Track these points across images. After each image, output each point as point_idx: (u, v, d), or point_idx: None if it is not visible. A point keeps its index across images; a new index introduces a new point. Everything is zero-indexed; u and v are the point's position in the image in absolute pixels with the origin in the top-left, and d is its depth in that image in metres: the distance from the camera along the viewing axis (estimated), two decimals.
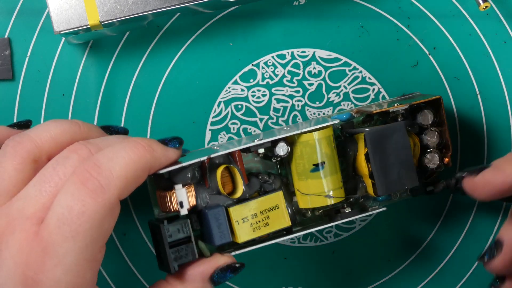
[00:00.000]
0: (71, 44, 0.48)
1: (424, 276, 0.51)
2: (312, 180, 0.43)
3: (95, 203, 0.37)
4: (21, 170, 0.39)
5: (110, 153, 0.38)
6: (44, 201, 0.38)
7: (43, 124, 0.41)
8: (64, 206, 0.36)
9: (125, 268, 0.49)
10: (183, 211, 0.41)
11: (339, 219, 0.44)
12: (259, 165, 0.45)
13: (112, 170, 0.37)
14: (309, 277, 0.50)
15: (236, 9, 0.50)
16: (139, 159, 0.38)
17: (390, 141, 0.44)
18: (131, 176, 0.38)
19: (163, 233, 0.41)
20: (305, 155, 0.43)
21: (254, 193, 0.43)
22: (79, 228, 0.36)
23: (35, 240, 0.37)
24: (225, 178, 0.43)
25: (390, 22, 0.50)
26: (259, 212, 0.43)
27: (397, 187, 0.44)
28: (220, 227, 0.42)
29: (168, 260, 0.41)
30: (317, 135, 0.43)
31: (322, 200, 0.44)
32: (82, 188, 0.37)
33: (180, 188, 0.41)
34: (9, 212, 0.38)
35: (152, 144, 0.40)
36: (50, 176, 0.38)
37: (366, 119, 0.46)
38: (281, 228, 0.43)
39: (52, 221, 0.37)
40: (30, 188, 0.38)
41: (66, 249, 0.36)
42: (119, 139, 0.40)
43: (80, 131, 0.41)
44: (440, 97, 0.46)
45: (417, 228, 0.51)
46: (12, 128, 0.43)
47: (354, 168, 0.45)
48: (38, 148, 0.39)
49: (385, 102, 0.48)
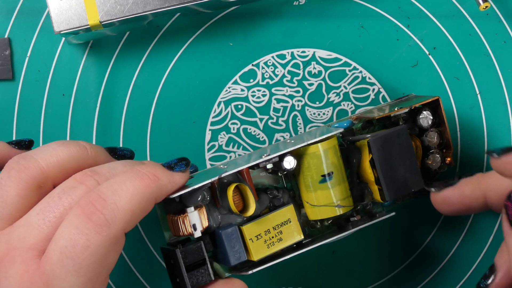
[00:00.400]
0: (71, 44, 0.48)
1: (424, 276, 0.51)
2: (321, 191, 0.43)
3: (99, 237, 0.36)
4: (25, 196, 0.38)
5: (115, 184, 0.37)
6: (47, 232, 0.37)
7: (50, 147, 0.39)
8: (68, 240, 0.36)
9: (125, 268, 0.49)
10: (197, 233, 0.40)
11: (350, 228, 0.44)
12: (265, 180, 0.45)
13: (117, 203, 0.36)
14: (309, 277, 0.50)
15: (236, 9, 0.50)
16: (144, 189, 0.37)
17: (394, 146, 0.44)
18: (137, 208, 0.37)
19: (179, 257, 0.40)
20: (313, 167, 0.43)
21: (264, 209, 0.43)
22: (83, 262, 0.36)
23: (36, 273, 0.36)
24: (235, 197, 0.42)
25: (390, 22, 0.50)
26: (271, 227, 0.42)
27: (403, 190, 0.44)
28: (235, 246, 0.41)
29: (186, 284, 0.40)
30: (323, 146, 0.43)
31: (332, 210, 0.43)
32: (87, 221, 0.36)
33: (192, 211, 0.40)
34: (10, 239, 0.37)
35: (157, 172, 0.38)
36: (55, 205, 0.37)
37: (365, 125, 0.46)
38: (295, 242, 0.43)
39: (55, 254, 0.36)
40: (33, 216, 0.37)
41: (69, 283, 0.36)
42: (125, 167, 0.39)
43: (87, 156, 0.40)
44: (438, 98, 0.46)
45: (417, 228, 0.51)
46: (13, 146, 0.42)
47: (359, 175, 0.45)
48: (44, 174, 0.38)
49: (383, 106, 0.48)
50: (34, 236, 0.37)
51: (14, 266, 0.36)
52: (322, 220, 0.45)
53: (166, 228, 0.42)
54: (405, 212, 0.50)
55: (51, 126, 0.49)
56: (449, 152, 0.46)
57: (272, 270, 0.50)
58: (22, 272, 0.36)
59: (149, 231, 0.49)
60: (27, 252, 0.37)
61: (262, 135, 0.50)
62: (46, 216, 0.37)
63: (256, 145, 0.50)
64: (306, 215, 0.45)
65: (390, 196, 0.44)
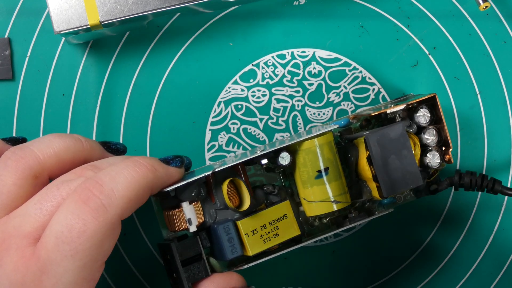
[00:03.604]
0: (71, 44, 0.48)
1: (424, 276, 0.51)
2: (317, 187, 0.43)
3: (96, 222, 0.36)
4: (21, 186, 0.38)
5: (112, 172, 0.37)
6: (44, 220, 0.37)
7: (46, 139, 0.40)
8: (64, 225, 0.36)
9: (125, 268, 0.49)
10: (192, 228, 0.41)
11: (347, 224, 0.44)
12: (262, 178, 0.45)
13: (114, 189, 0.37)
14: (309, 277, 0.50)
15: (236, 9, 0.50)
16: (141, 178, 0.38)
17: (390, 142, 0.44)
18: (134, 195, 0.37)
19: (174, 251, 0.40)
20: (308, 162, 0.43)
21: (260, 205, 0.43)
22: (79, 247, 0.36)
23: (31, 259, 0.36)
24: (230, 192, 0.42)
25: (390, 22, 0.50)
26: (267, 223, 0.42)
27: (401, 187, 0.44)
28: (231, 241, 0.41)
29: (182, 279, 0.41)
30: (318, 141, 0.43)
31: (328, 206, 0.43)
32: (84, 206, 0.36)
33: (187, 205, 0.41)
34: (6, 229, 0.37)
35: (154, 163, 0.39)
36: (53, 195, 0.37)
37: (363, 124, 0.46)
38: (291, 237, 0.43)
39: (50, 239, 0.36)
40: (30, 206, 0.37)
41: (65, 268, 0.36)
42: (122, 159, 0.39)
43: (83, 148, 0.40)
44: (435, 95, 0.46)
45: (417, 228, 0.51)
46: (6, 143, 0.42)
47: (357, 173, 0.45)
48: (41, 165, 0.39)
49: (381, 106, 0.48)
50: (30, 225, 0.37)
51: (9, 253, 0.36)
52: (321, 218, 0.46)
53: (163, 225, 0.42)
54: (405, 211, 0.50)
55: (51, 126, 0.49)
56: (448, 149, 0.46)
57: (272, 270, 0.50)
58: (17, 258, 0.36)
59: (149, 231, 0.49)
60: (23, 239, 0.37)
61: (262, 135, 0.50)
62: (43, 205, 0.37)
63: (256, 145, 0.50)
64: (305, 214, 0.45)
65: (387, 193, 0.44)
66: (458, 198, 0.51)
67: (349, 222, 0.44)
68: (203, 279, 0.41)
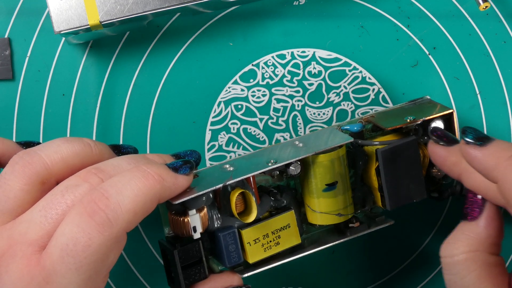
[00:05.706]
0: (71, 44, 0.48)
1: (423, 276, 0.51)
2: (323, 199, 0.43)
3: (101, 236, 0.36)
4: (28, 191, 0.38)
5: (119, 183, 0.37)
6: (49, 228, 0.37)
7: (55, 143, 0.39)
8: (69, 237, 0.36)
9: (125, 268, 0.49)
10: (196, 235, 0.41)
11: (348, 235, 0.44)
12: (268, 177, 0.44)
13: (120, 203, 0.36)
14: (309, 277, 0.50)
15: (236, 9, 0.50)
16: (148, 190, 0.37)
17: (401, 157, 0.43)
18: (140, 208, 0.37)
19: (176, 258, 0.40)
20: (318, 175, 0.43)
21: (265, 212, 0.43)
22: (84, 261, 0.36)
23: (36, 268, 0.36)
24: (238, 200, 0.42)
25: (390, 22, 0.50)
26: (270, 232, 0.42)
27: (406, 200, 0.44)
28: (232, 249, 0.41)
29: (180, 281, 0.41)
30: (331, 156, 0.43)
31: (333, 218, 0.43)
32: (89, 220, 0.36)
33: (193, 214, 0.40)
34: (12, 234, 0.37)
35: (162, 173, 0.38)
36: (58, 202, 0.37)
37: (375, 127, 0.46)
38: (291, 246, 0.43)
39: (56, 250, 0.36)
40: (35, 212, 0.37)
41: (69, 280, 0.36)
42: (130, 164, 0.39)
43: (91, 154, 0.40)
44: (452, 111, 0.45)
45: (416, 229, 0.51)
46: (21, 146, 0.41)
47: (362, 178, 0.45)
48: (48, 171, 0.38)
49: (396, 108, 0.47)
50: (36, 232, 0.37)
51: (15, 260, 0.36)
52: None
53: (166, 223, 0.42)
54: (405, 212, 0.50)
55: (51, 126, 0.49)
56: None
57: (272, 270, 0.50)
58: (23, 266, 0.36)
59: (149, 231, 0.49)
60: (28, 247, 0.37)
61: (262, 135, 0.50)
62: (48, 213, 0.37)
63: (256, 145, 0.50)
64: (305, 214, 0.45)
65: (391, 206, 0.44)
66: (456, 203, 0.51)
67: (350, 234, 0.44)
68: (201, 280, 0.41)
